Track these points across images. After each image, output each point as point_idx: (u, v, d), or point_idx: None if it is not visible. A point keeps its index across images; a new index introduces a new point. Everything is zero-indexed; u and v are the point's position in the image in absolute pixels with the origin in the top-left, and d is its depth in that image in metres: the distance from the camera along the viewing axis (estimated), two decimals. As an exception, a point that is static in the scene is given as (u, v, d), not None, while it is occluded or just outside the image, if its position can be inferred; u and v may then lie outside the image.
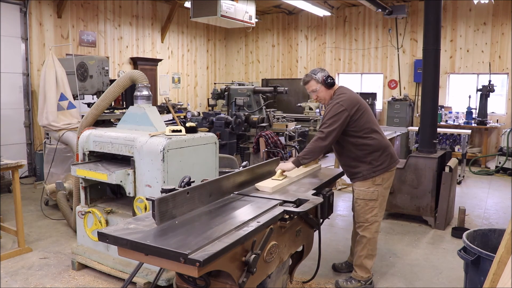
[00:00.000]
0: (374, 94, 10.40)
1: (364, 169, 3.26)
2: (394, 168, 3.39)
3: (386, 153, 3.28)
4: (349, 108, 3.14)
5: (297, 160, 3.12)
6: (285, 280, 2.71)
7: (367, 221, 3.33)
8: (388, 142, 3.36)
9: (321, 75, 3.28)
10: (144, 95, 3.74)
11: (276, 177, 3.00)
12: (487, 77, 9.05)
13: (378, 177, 3.27)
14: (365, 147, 3.22)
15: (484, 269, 2.57)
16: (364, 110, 3.23)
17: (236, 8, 6.98)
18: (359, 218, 3.38)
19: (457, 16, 9.50)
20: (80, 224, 3.69)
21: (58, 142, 5.35)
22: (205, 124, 6.85)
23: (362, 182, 3.30)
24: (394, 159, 3.37)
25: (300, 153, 3.15)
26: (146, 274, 3.23)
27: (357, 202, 3.35)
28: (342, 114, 3.11)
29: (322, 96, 3.31)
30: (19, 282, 3.52)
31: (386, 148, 3.29)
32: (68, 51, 8.04)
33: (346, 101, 3.15)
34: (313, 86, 3.30)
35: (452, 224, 5.06)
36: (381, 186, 3.30)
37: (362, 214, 3.34)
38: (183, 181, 2.49)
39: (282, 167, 3.09)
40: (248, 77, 12.52)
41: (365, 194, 3.30)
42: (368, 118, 3.25)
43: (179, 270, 1.88)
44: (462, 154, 7.89)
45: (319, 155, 3.25)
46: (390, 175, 3.38)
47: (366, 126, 3.22)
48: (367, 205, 3.31)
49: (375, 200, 3.30)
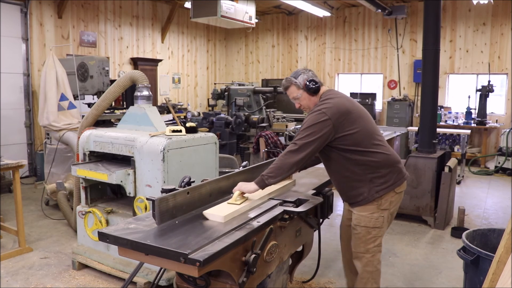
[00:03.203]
0: (373, 94, 10.42)
1: (365, 190, 2.60)
2: (403, 188, 2.72)
3: (393, 170, 2.63)
4: (334, 117, 2.48)
5: (261, 180, 2.43)
6: (285, 280, 2.72)
7: (368, 252, 2.68)
8: (397, 157, 2.70)
9: (303, 78, 2.66)
10: (145, 95, 3.75)
11: (232, 201, 2.37)
12: (486, 77, 9.05)
13: (385, 200, 2.61)
14: (367, 164, 2.58)
15: (484, 268, 2.57)
16: (360, 118, 2.58)
17: (236, 8, 6.99)
18: (357, 248, 2.72)
19: (457, 17, 9.51)
20: (80, 224, 3.70)
21: (58, 142, 5.36)
22: (205, 124, 6.86)
23: (363, 206, 2.63)
24: (402, 175, 2.69)
25: (266, 171, 2.46)
26: (146, 274, 3.24)
27: (356, 229, 2.69)
28: (324, 124, 2.46)
29: (305, 104, 2.71)
30: (19, 282, 3.52)
31: (394, 164, 2.64)
32: (69, 52, 8.05)
33: (331, 109, 2.50)
34: (294, 93, 2.70)
35: (451, 224, 5.06)
36: (388, 211, 2.66)
37: (363, 244, 2.69)
38: (183, 181, 2.49)
39: (241, 188, 2.43)
40: (248, 77, 12.53)
41: (368, 221, 2.63)
42: (368, 128, 2.60)
43: (179, 270, 1.89)
44: (462, 154, 7.90)
45: (290, 173, 2.55)
46: (399, 197, 2.72)
47: (366, 139, 2.57)
48: (370, 233, 2.65)
49: (379, 228, 2.65)
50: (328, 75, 11.30)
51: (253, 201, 2.45)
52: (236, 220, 2.19)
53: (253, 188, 2.43)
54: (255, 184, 2.43)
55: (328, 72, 11.29)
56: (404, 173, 2.71)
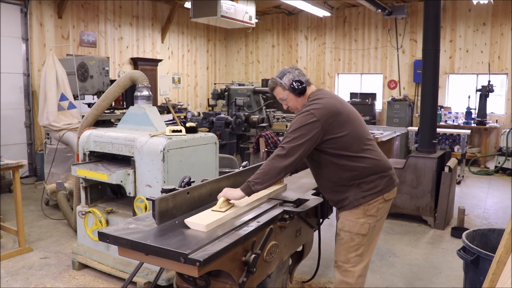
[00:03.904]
0: (373, 94, 10.43)
1: (351, 194, 2.45)
2: (392, 195, 2.54)
3: (383, 176, 2.47)
4: (323, 118, 2.32)
5: (247, 187, 2.28)
6: (285, 280, 2.72)
7: (348, 262, 2.49)
8: (387, 163, 2.53)
9: (288, 78, 2.50)
10: (145, 95, 3.75)
11: (217, 208, 2.22)
12: (486, 77, 9.06)
13: (372, 206, 2.45)
14: (355, 170, 2.42)
15: (484, 268, 2.57)
16: (350, 120, 2.42)
17: (236, 8, 6.99)
18: (338, 256, 2.55)
19: (457, 17, 9.51)
20: (80, 224, 3.70)
21: (58, 142, 5.36)
22: (205, 124, 6.87)
23: (349, 211, 2.48)
24: (392, 181, 2.52)
25: (252, 176, 2.30)
26: (146, 274, 3.24)
27: (340, 234, 2.53)
28: (313, 126, 2.31)
29: (292, 105, 2.57)
30: (19, 282, 3.52)
31: (384, 171, 2.48)
32: (69, 52, 8.05)
33: (320, 110, 2.35)
34: (280, 94, 2.56)
35: (451, 224, 5.07)
36: (374, 218, 2.48)
37: (344, 251, 2.51)
38: (183, 181, 2.49)
39: (226, 194, 2.28)
40: (248, 77, 12.53)
41: (352, 226, 2.47)
42: (357, 131, 2.44)
43: (179, 270, 1.89)
44: (462, 154, 7.90)
45: (278, 178, 2.36)
46: (387, 205, 2.55)
47: (356, 143, 2.41)
48: (353, 240, 2.47)
49: (363, 235, 2.47)
50: (328, 75, 11.30)
51: (239, 208, 2.29)
52: (232, 222, 2.18)
53: (239, 194, 2.27)
54: (241, 190, 2.28)
55: (328, 72, 11.30)
56: (394, 180, 2.54)
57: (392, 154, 7.34)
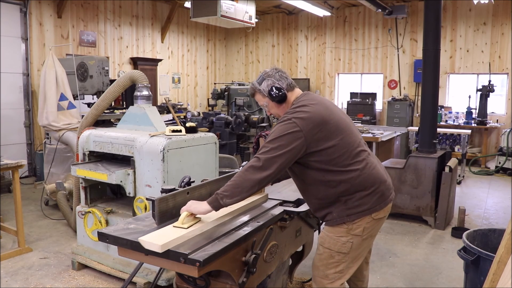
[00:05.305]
0: (374, 94, 10.42)
1: (335, 210, 2.20)
2: (382, 213, 2.26)
3: (373, 193, 2.19)
4: (306, 128, 2.06)
5: (215, 200, 2.01)
6: (285, 280, 2.71)
7: (327, 278, 2.27)
8: (381, 175, 2.25)
9: (267, 84, 2.25)
10: (144, 95, 3.74)
11: (179, 224, 1.99)
12: (487, 77, 9.04)
13: (357, 225, 2.18)
14: (342, 185, 2.16)
15: (484, 269, 2.57)
16: (338, 130, 2.15)
17: (236, 8, 6.98)
18: (315, 270, 2.32)
19: (457, 16, 9.50)
20: (80, 224, 3.70)
21: (58, 142, 5.35)
22: (205, 124, 6.86)
23: (332, 227, 2.24)
24: (384, 199, 2.24)
25: (221, 189, 2.03)
26: (146, 274, 3.23)
27: (319, 249, 2.30)
28: (294, 136, 2.05)
29: (274, 112, 2.33)
30: (19, 282, 3.52)
31: (375, 185, 2.20)
32: (68, 51, 8.04)
33: (304, 120, 2.08)
34: (260, 101, 2.34)
35: (452, 224, 5.06)
36: (360, 237, 2.21)
37: (322, 267, 2.28)
38: (183, 181, 2.49)
39: (190, 208, 2.03)
40: (248, 77, 12.52)
41: (333, 244, 2.23)
42: (346, 141, 2.16)
43: (179, 270, 1.88)
44: (462, 154, 7.89)
45: (251, 193, 2.05)
46: (377, 224, 2.26)
47: (344, 155, 2.14)
48: (333, 257, 2.24)
49: (344, 254, 2.23)
50: (328, 75, 11.30)
51: (205, 224, 2.04)
52: (234, 221, 2.17)
53: (205, 209, 2.01)
54: (208, 204, 2.01)
55: (328, 72, 11.29)
56: (387, 196, 2.25)
57: (392, 154, 7.34)
